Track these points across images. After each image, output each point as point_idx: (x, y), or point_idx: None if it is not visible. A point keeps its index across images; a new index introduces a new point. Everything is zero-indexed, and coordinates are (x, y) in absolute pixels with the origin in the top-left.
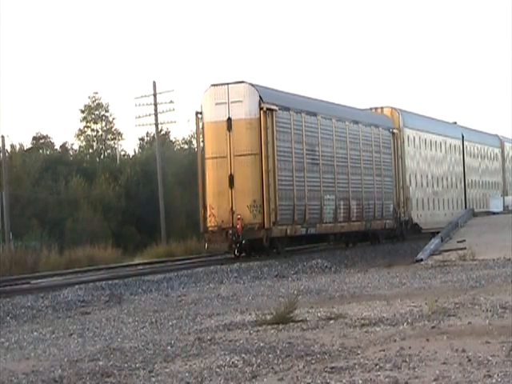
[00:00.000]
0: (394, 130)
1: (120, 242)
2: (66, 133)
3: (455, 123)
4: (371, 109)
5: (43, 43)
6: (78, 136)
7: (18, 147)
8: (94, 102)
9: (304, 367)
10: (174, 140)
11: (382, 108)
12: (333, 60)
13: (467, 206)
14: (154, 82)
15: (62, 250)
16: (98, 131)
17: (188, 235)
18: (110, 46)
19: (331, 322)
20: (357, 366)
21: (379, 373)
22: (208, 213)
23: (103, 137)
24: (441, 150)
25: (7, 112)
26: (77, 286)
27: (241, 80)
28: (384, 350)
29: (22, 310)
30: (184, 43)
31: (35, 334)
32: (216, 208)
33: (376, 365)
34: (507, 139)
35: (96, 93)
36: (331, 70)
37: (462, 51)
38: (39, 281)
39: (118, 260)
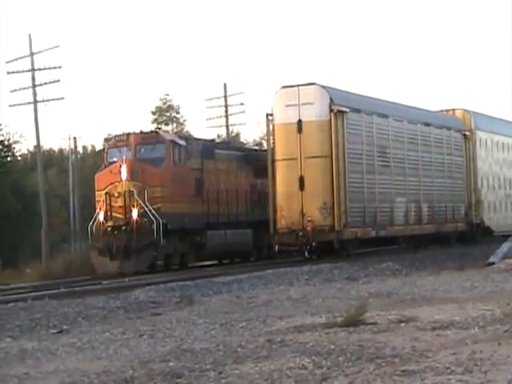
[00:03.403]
0: (466, 132)
1: None
2: None
3: None
4: (442, 111)
5: (116, 44)
6: None
7: (89, 148)
8: (165, 103)
9: (374, 370)
10: (244, 142)
11: (453, 110)
12: (402, 61)
13: None
14: (225, 84)
15: None
16: (168, 133)
17: None
18: (182, 48)
19: (402, 324)
20: (428, 370)
21: (450, 376)
22: (278, 214)
23: None
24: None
25: (79, 113)
26: (148, 287)
27: (311, 82)
28: (455, 354)
29: (94, 311)
30: (255, 45)
31: (106, 334)
32: (286, 210)
33: (447, 368)
34: None
35: (167, 95)
36: (400, 71)
37: None
38: (110, 281)
39: None
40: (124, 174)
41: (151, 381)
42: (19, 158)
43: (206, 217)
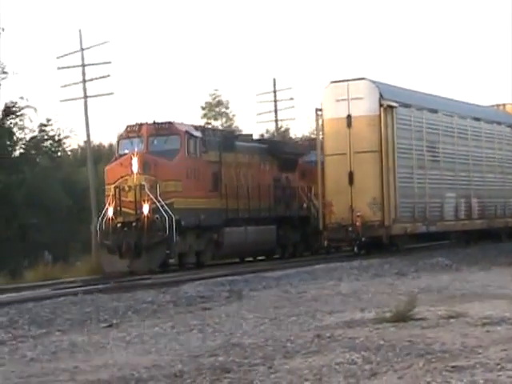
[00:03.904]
0: None
1: None
2: None
3: None
4: (493, 106)
5: (165, 39)
6: None
7: None
8: (214, 99)
9: (424, 366)
10: (293, 137)
11: (503, 105)
12: (451, 56)
13: None
14: (274, 79)
15: None
16: (218, 128)
17: None
18: (232, 43)
19: (452, 320)
20: (478, 366)
21: (501, 373)
22: (327, 210)
23: None
24: None
25: (129, 108)
26: (197, 282)
27: (361, 77)
28: (506, 350)
29: (144, 305)
30: (304, 40)
31: (156, 328)
32: (335, 205)
33: (498, 365)
34: None
35: (217, 90)
36: (450, 66)
37: None
38: (160, 276)
39: None
40: (135, 167)
41: (200, 375)
42: (69, 153)
43: (224, 213)
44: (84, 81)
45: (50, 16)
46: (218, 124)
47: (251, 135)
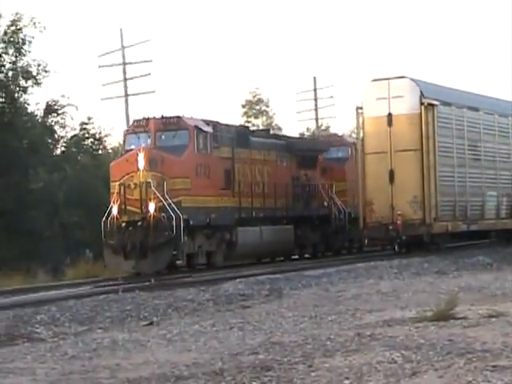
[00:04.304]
0: None
1: None
2: None
3: None
4: None
5: (206, 37)
6: None
7: None
8: (254, 97)
9: (465, 365)
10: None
11: None
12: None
13: None
14: (315, 78)
15: None
16: (258, 126)
17: None
18: (272, 41)
19: (493, 319)
20: None
21: None
22: (367, 208)
23: None
24: None
25: (169, 107)
26: (237, 280)
27: (401, 75)
28: None
29: (184, 303)
30: (344, 38)
31: (196, 326)
32: (376, 203)
33: None
34: None
35: (257, 88)
36: (489, 65)
37: None
38: (201, 274)
39: None
40: (141, 164)
41: (240, 373)
42: (110, 152)
43: (237, 212)
44: (125, 79)
45: (92, 14)
46: (258, 122)
47: (268, 130)
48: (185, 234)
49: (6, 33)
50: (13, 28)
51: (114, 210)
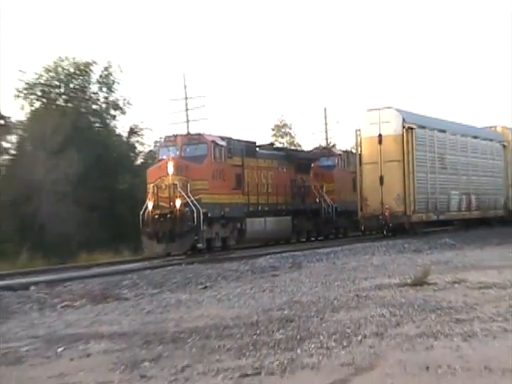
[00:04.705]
0: (505, 143)
1: None
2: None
3: None
4: (487, 127)
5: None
6: None
7: None
8: (281, 122)
9: (435, 318)
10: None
11: (495, 126)
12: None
13: None
14: (325, 108)
15: None
16: (283, 143)
17: None
18: (292, 76)
19: (456, 285)
20: (475, 319)
21: (492, 324)
22: (364, 204)
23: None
24: None
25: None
26: (268, 256)
27: (389, 106)
28: (496, 307)
29: (229, 273)
30: (348, 77)
31: (238, 289)
32: (370, 200)
33: (490, 318)
34: None
35: (282, 115)
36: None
37: None
38: (241, 252)
39: None
40: (170, 170)
41: (271, 324)
42: None
43: (245, 206)
44: (186, 109)
45: (161, 61)
46: (283, 141)
47: (272, 144)
48: (204, 223)
49: (101, 76)
50: (106, 73)
51: (150, 206)
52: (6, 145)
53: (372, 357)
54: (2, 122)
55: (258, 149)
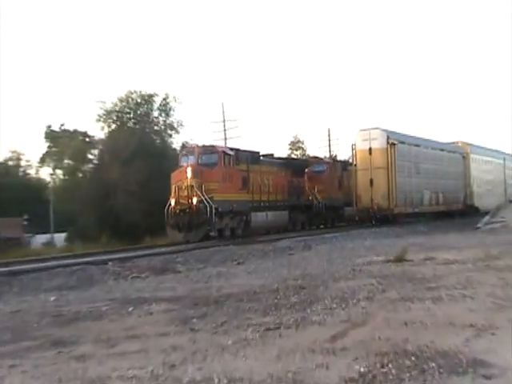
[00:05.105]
0: (464, 155)
1: None
2: None
3: (499, 151)
4: (450, 142)
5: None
6: None
7: None
8: (295, 139)
9: (411, 286)
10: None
11: (457, 142)
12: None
13: (506, 198)
14: (329, 129)
15: None
16: (297, 155)
17: None
18: (305, 107)
19: (427, 261)
20: (442, 287)
21: (455, 290)
22: (358, 200)
23: None
24: (491, 166)
25: (249, 145)
26: (286, 239)
27: (376, 127)
28: (457, 278)
29: (257, 252)
30: (346, 103)
31: (263, 265)
32: (363, 197)
33: (453, 286)
34: None
35: (296, 134)
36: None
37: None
38: (265, 237)
39: None
40: (189, 174)
41: (288, 290)
42: None
43: (250, 203)
44: (224, 130)
45: (205, 90)
46: (297, 153)
47: (272, 154)
48: (216, 216)
49: (160, 104)
50: (164, 102)
51: (172, 202)
52: (90, 156)
53: (364, 315)
54: (87, 139)
55: (261, 157)
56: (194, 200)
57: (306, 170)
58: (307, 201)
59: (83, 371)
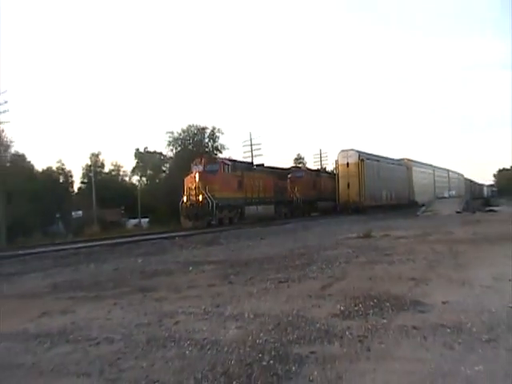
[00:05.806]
0: (408, 167)
1: None
2: None
3: (431, 165)
4: (399, 159)
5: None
6: None
7: None
8: (298, 156)
9: (375, 254)
10: (324, 170)
11: (404, 158)
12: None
13: (434, 195)
14: (320, 150)
15: None
16: (300, 167)
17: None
18: (304, 129)
19: (385, 237)
20: (395, 254)
21: (402, 256)
22: (340, 197)
23: None
24: (425, 174)
25: (268, 163)
26: (290, 224)
27: (352, 148)
28: (405, 248)
29: (273, 231)
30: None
31: (277, 240)
32: (342, 195)
33: (402, 253)
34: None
35: (299, 153)
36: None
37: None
38: (278, 221)
39: None
40: (197, 178)
41: (292, 256)
42: None
43: (244, 200)
44: (252, 151)
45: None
46: (300, 165)
47: (263, 164)
48: (217, 209)
49: (209, 135)
50: (212, 132)
51: (184, 199)
52: (164, 169)
53: (343, 273)
54: (162, 157)
55: (254, 166)
56: (200, 197)
57: (289, 176)
58: (289, 198)
59: (159, 308)
